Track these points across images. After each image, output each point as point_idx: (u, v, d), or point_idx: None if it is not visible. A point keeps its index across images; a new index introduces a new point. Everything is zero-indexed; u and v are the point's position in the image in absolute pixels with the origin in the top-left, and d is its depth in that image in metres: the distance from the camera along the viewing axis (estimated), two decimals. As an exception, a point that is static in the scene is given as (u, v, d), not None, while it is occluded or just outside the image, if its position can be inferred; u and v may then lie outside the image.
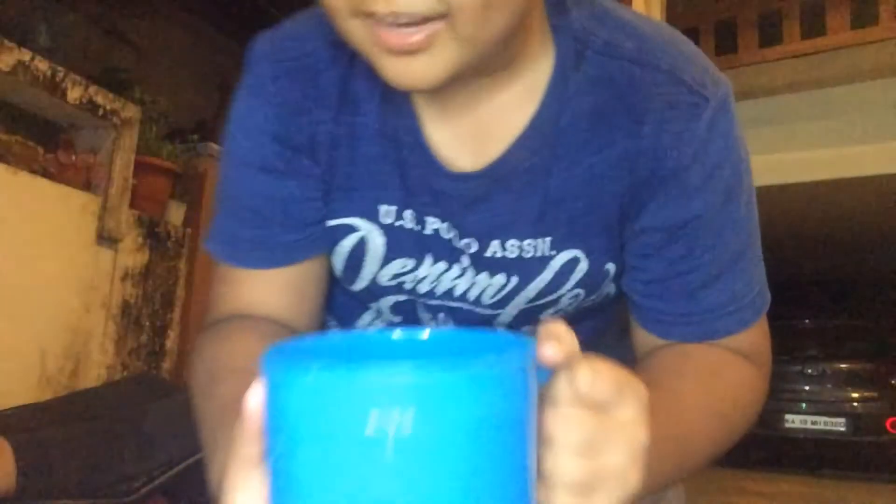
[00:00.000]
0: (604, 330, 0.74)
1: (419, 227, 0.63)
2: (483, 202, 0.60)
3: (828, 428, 6.41)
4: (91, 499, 1.25)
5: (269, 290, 0.63)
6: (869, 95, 5.38)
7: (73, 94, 3.34)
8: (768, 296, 0.64)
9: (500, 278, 0.63)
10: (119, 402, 1.51)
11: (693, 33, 6.27)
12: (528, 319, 0.67)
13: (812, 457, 6.92)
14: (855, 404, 6.46)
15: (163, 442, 1.32)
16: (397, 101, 0.60)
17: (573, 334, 0.37)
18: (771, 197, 6.12)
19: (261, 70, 0.63)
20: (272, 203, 0.62)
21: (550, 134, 0.58)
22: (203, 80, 7.44)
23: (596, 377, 0.37)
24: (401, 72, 0.48)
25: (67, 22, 4.07)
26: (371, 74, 0.56)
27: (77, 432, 1.33)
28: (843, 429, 6.36)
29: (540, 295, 0.64)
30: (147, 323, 3.72)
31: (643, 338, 0.65)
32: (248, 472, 0.37)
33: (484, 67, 0.56)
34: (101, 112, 3.46)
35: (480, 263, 0.63)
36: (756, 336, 0.64)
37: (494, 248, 0.62)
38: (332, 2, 0.48)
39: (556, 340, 0.36)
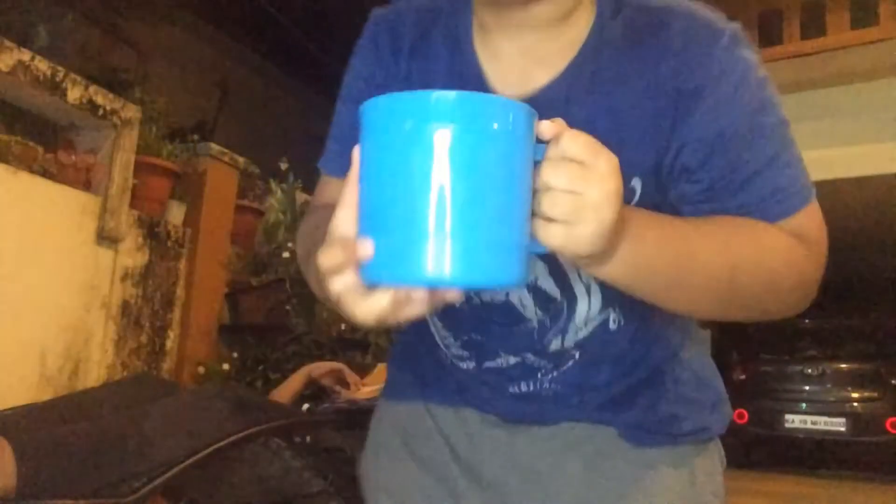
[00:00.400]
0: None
1: None
2: None
3: (828, 428, 6.41)
4: (91, 499, 1.25)
5: None
6: (869, 95, 5.38)
7: (73, 94, 3.34)
8: (813, 188, 0.73)
9: None
10: (119, 402, 1.51)
11: (693, 33, 6.26)
12: None
13: (812, 457, 6.93)
14: (855, 404, 6.46)
15: (163, 442, 1.32)
16: (464, 51, 0.76)
17: (563, 122, 0.52)
18: (771, 197, 6.10)
19: (366, 30, 0.84)
20: (354, 127, 0.75)
21: (587, 72, 0.71)
22: (203, 80, 7.44)
23: (576, 139, 0.51)
24: None
25: (67, 22, 4.07)
26: (446, 34, 0.77)
27: (77, 432, 1.32)
28: (843, 429, 6.36)
29: None
30: (147, 323, 3.72)
31: None
32: (349, 203, 0.53)
33: (541, 19, 0.71)
34: (101, 112, 3.45)
35: None
36: (806, 219, 0.71)
37: None
38: None
39: (551, 122, 0.51)
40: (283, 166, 4.52)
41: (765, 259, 0.66)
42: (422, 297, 0.52)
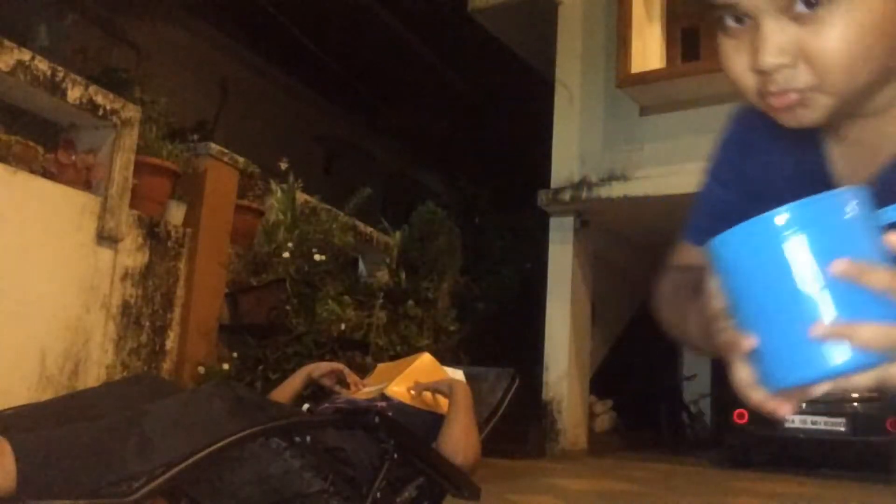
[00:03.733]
0: None
1: None
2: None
3: (828, 428, 6.41)
4: (91, 499, 1.25)
5: None
6: (869, 95, 5.38)
7: (73, 94, 3.34)
8: None
9: None
10: (119, 402, 1.51)
11: (693, 33, 6.27)
12: None
13: (812, 457, 6.93)
14: (855, 404, 6.46)
15: (163, 442, 1.32)
16: (812, 148, 0.78)
17: None
18: (771, 197, 6.11)
19: (733, 128, 0.88)
20: (720, 204, 0.87)
21: None
22: (203, 80, 7.44)
23: None
24: (788, 119, 0.69)
25: (67, 22, 4.07)
26: (792, 137, 0.77)
27: (77, 432, 1.32)
28: (843, 429, 6.36)
29: None
30: (147, 323, 3.72)
31: None
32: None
33: (861, 109, 0.70)
34: (101, 112, 3.45)
35: None
36: None
37: None
38: (745, 86, 0.69)
39: None
40: (283, 166, 4.52)
41: None
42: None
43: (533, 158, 7.43)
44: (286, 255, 4.14)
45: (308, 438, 1.52)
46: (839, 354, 0.52)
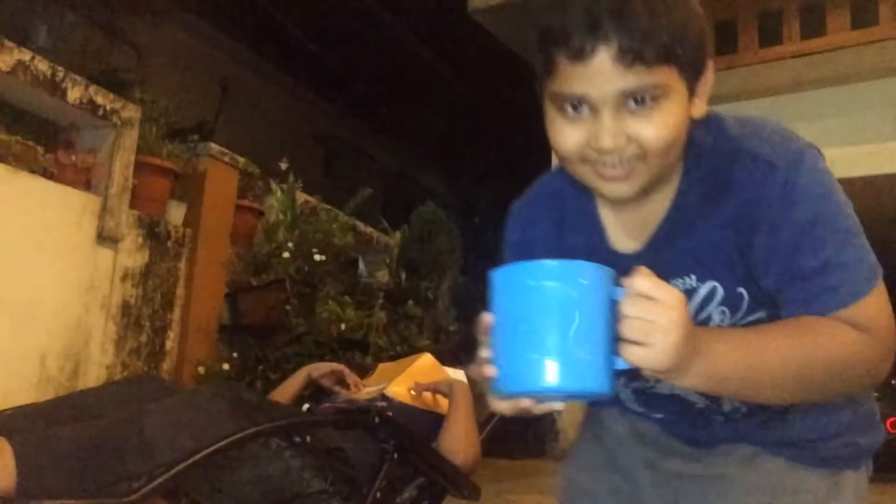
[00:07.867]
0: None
1: None
2: (648, 267, 0.84)
3: (828, 428, 6.42)
4: (91, 499, 1.25)
5: None
6: (869, 95, 5.38)
7: (73, 94, 3.34)
8: (873, 279, 0.86)
9: None
10: (119, 402, 1.51)
11: (693, 33, 6.27)
12: None
13: (812, 457, 6.93)
14: (855, 404, 6.48)
15: (163, 442, 1.31)
16: (595, 226, 0.97)
17: (644, 269, 0.71)
18: (771, 197, 6.12)
19: (511, 220, 1.07)
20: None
21: (682, 214, 0.90)
22: (203, 80, 7.44)
23: (644, 280, 0.70)
24: (611, 190, 0.86)
25: (67, 22, 4.07)
26: (579, 211, 0.98)
27: (77, 432, 1.32)
28: (843, 429, 6.38)
29: (696, 314, 0.91)
30: (147, 323, 3.72)
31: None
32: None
33: (652, 188, 0.87)
34: (101, 112, 3.45)
35: None
36: (868, 310, 0.83)
37: None
38: (567, 153, 0.86)
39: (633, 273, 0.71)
40: (283, 166, 4.52)
41: (823, 355, 0.80)
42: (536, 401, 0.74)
43: (533, 158, 7.42)
44: (286, 255, 4.14)
45: (308, 438, 1.52)
46: (545, 378, 0.68)
